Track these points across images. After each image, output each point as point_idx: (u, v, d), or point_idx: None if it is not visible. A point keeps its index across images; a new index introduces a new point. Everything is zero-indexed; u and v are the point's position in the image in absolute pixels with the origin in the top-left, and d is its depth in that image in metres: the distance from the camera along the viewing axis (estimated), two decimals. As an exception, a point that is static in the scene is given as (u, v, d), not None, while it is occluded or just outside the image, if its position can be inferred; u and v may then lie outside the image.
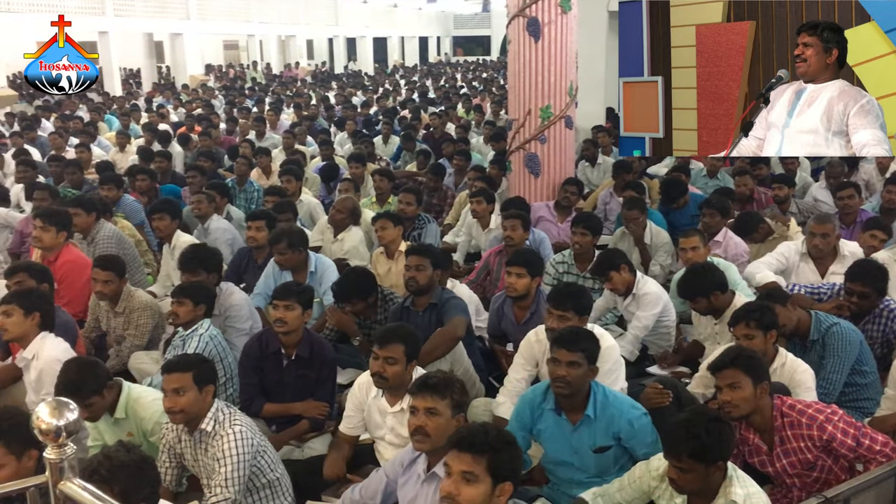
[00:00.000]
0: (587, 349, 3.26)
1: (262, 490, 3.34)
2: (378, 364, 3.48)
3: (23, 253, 6.50)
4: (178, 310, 4.20)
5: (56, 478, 1.69)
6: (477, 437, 2.51)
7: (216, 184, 7.37)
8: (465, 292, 5.08)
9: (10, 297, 4.06)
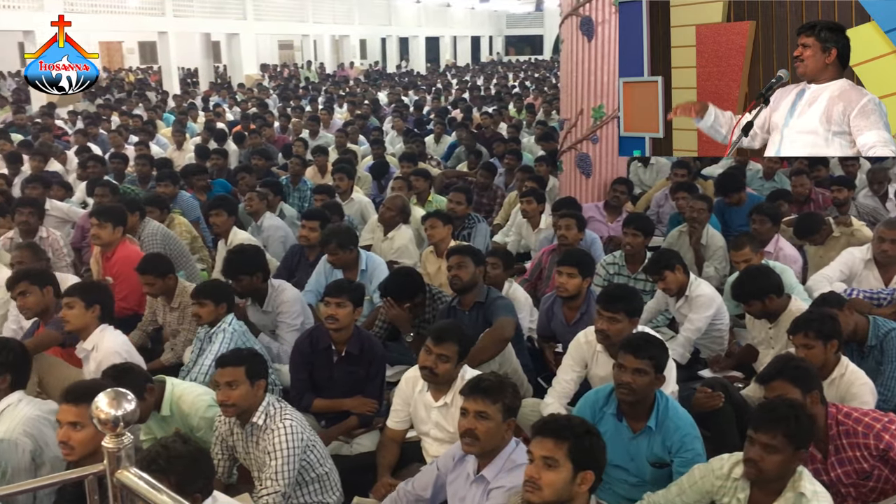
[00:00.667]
0: (655, 357, 3.18)
1: (312, 484, 3.38)
2: (431, 359, 3.50)
3: (84, 247, 6.68)
4: (200, 311, 4.25)
5: (113, 466, 1.73)
6: (559, 423, 2.61)
7: (270, 182, 7.48)
8: (520, 293, 5.06)
9: (72, 290, 4.18)
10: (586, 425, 2.67)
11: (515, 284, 5.20)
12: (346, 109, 16.25)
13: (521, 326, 4.81)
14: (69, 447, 2.93)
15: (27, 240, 5.83)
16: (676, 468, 3.15)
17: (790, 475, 2.71)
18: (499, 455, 2.97)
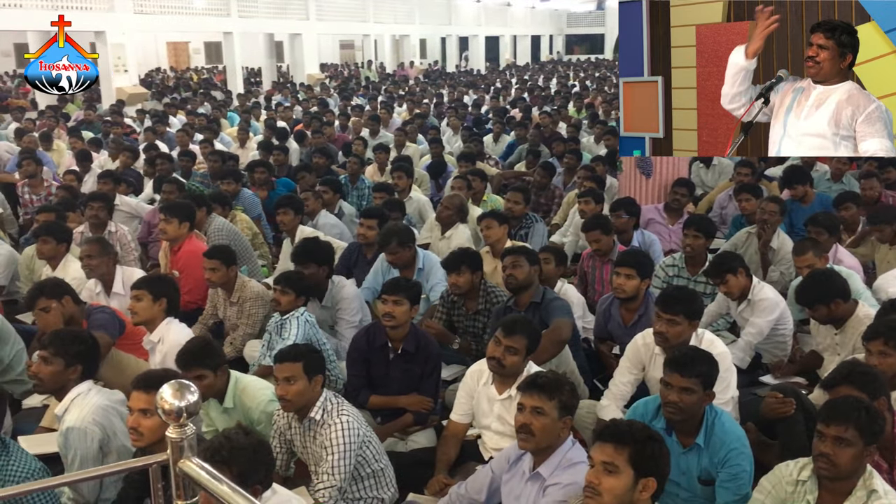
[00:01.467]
0: (703, 374, 3.09)
1: (367, 479, 3.42)
2: (499, 350, 3.51)
3: (150, 242, 6.86)
4: (280, 298, 4.36)
5: (176, 456, 1.77)
6: (620, 428, 2.58)
7: (329, 180, 7.58)
8: (572, 294, 5.04)
9: (140, 283, 4.31)
10: (648, 431, 2.63)
11: (567, 284, 5.17)
12: (405, 109, 16.34)
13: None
14: (138, 433, 3.03)
15: (96, 234, 6.03)
16: (720, 483, 3.07)
17: (861, 473, 2.65)
18: (555, 453, 2.96)
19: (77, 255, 5.42)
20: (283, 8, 24.24)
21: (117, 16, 17.83)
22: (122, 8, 17.92)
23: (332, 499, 3.24)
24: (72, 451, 3.30)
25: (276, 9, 23.99)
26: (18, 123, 13.58)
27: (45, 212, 6.30)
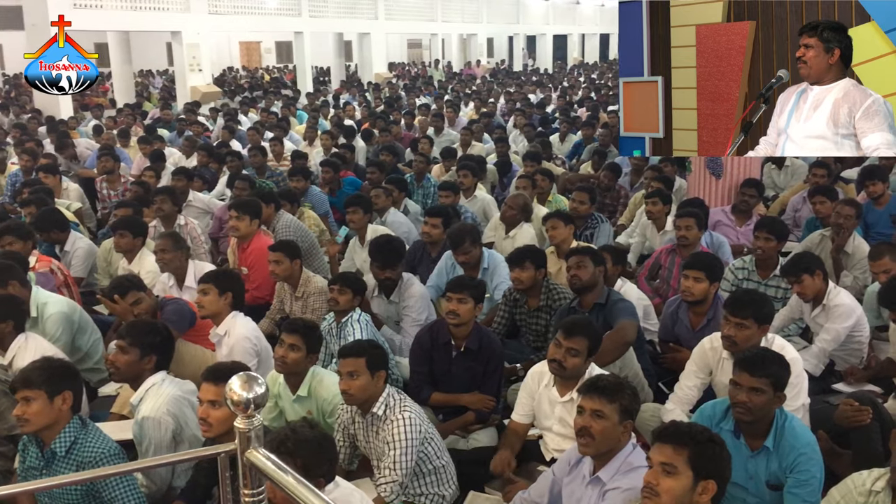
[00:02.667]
0: (773, 375, 3.03)
1: (429, 476, 3.44)
2: (560, 352, 3.50)
3: (221, 237, 7.03)
4: (338, 297, 4.40)
5: (244, 446, 1.81)
6: (680, 429, 2.57)
7: (395, 178, 7.64)
8: (633, 293, 4.98)
9: (207, 277, 4.42)
10: (708, 433, 2.60)
11: (629, 283, 5.11)
12: (471, 107, 16.36)
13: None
14: (207, 423, 3.11)
15: (168, 228, 6.21)
16: (788, 489, 3.00)
17: None
18: (615, 457, 2.93)
19: (151, 248, 5.59)
20: (353, 8, 24.53)
21: (193, 16, 18.31)
22: (198, 9, 18.39)
23: (394, 493, 3.28)
24: (146, 440, 3.42)
25: (346, 8, 24.28)
26: (97, 121, 14.07)
27: (122, 207, 6.52)
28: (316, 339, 3.80)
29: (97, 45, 30.13)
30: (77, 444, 3.09)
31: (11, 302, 4.21)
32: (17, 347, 4.06)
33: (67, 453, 3.08)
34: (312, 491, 1.67)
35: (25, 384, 3.07)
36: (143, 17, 17.30)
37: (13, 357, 4.03)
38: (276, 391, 3.85)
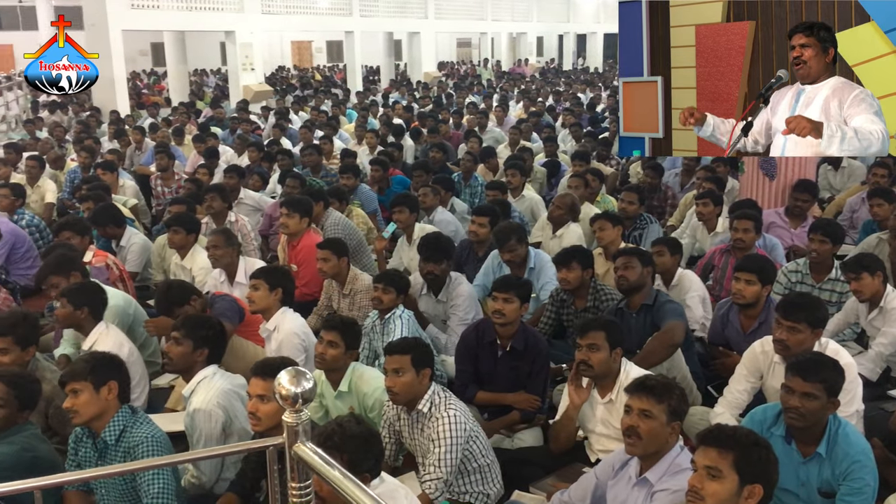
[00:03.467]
0: (827, 380, 2.96)
1: (473, 474, 3.45)
2: (582, 353, 3.51)
3: (271, 235, 7.14)
4: (382, 296, 4.43)
5: (292, 440, 1.84)
6: (725, 432, 2.53)
7: (442, 178, 7.67)
8: (695, 281, 5.00)
9: (258, 273, 4.49)
10: (755, 437, 2.56)
11: (688, 271, 5.06)
12: (520, 106, 16.31)
13: (695, 315, 4.80)
14: (256, 417, 3.17)
15: (218, 225, 6.32)
16: (841, 496, 2.93)
17: None
18: (663, 458, 2.90)
19: (204, 244, 5.70)
20: (403, 7, 24.63)
21: (246, 16, 18.57)
22: (251, 9, 18.66)
23: (439, 491, 3.29)
24: (197, 432, 3.49)
25: (396, 8, 24.40)
26: (153, 119, 14.38)
27: (176, 203, 6.66)
28: (354, 336, 3.83)
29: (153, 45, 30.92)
30: (126, 433, 3.17)
31: (88, 289, 4.34)
32: (98, 334, 4.19)
33: (117, 441, 3.16)
34: (358, 486, 1.70)
35: (72, 377, 3.16)
36: (198, 17, 17.62)
37: (92, 344, 4.15)
38: (319, 389, 3.90)
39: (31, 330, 3.78)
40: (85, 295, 4.28)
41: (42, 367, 3.83)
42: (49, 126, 13.20)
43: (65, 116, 15.62)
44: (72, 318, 4.24)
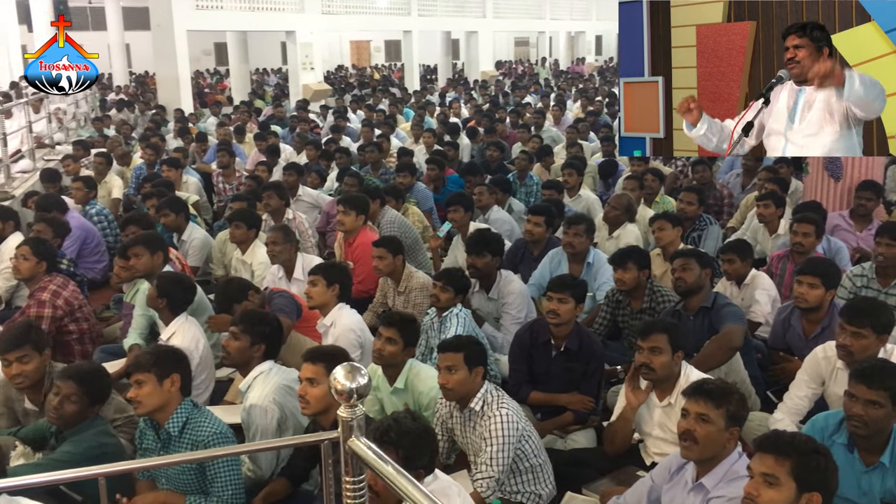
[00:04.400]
0: (892, 388, 2.87)
1: (525, 474, 3.44)
2: (644, 356, 3.46)
3: (328, 232, 7.22)
4: (440, 294, 4.45)
5: (346, 434, 1.86)
6: (783, 439, 2.49)
7: (498, 178, 7.66)
8: (767, 282, 4.94)
9: (316, 269, 4.56)
10: (813, 444, 2.50)
11: (761, 272, 4.99)
12: (578, 105, 16.19)
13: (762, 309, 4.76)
14: (305, 401, 3.25)
15: (277, 222, 6.43)
16: None
17: None
18: (720, 464, 2.85)
19: (263, 240, 5.80)
20: (461, 6, 24.66)
21: (307, 16, 18.82)
22: (311, 9, 18.89)
23: (490, 490, 3.29)
24: (253, 426, 3.56)
25: (455, 7, 24.44)
26: (216, 117, 14.68)
27: (237, 200, 6.79)
28: (413, 333, 3.86)
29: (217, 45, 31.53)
30: (190, 424, 3.25)
31: (173, 282, 4.46)
32: (177, 326, 4.31)
33: (181, 433, 3.24)
34: (411, 481, 1.71)
35: (137, 368, 3.25)
36: (260, 17, 17.92)
37: (171, 336, 4.27)
38: (375, 383, 3.93)
39: (41, 335, 3.81)
40: (170, 286, 4.40)
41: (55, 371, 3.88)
42: (116, 124, 13.59)
43: (131, 114, 16.05)
44: (154, 303, 4.40)
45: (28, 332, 3.67)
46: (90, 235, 6.59)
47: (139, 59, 28.93)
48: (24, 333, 3.64)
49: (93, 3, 29.47)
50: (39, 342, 3.69)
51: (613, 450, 3.68)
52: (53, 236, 5.72)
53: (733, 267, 4.92)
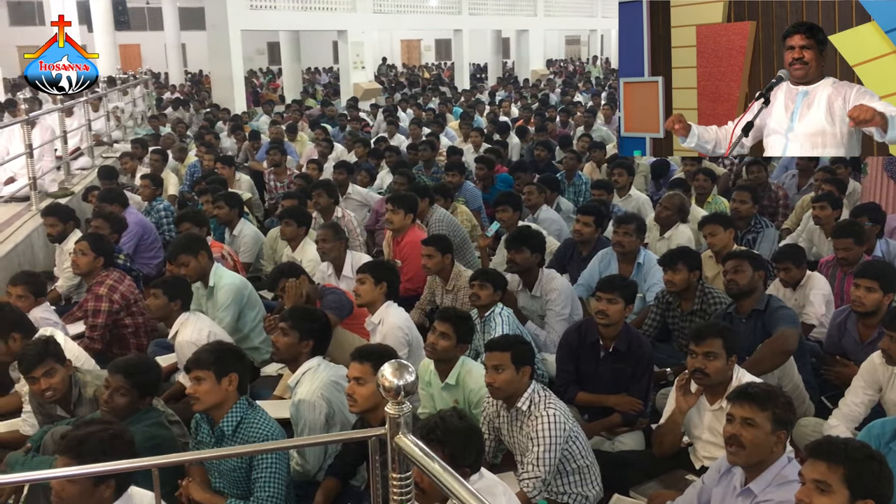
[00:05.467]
0: None
1: (572, 475, 3.42)
2: (698, 360, 3.41)
3: (377, 230, 7.27)
4: (479, 292, 4.45)
5: (393, 431, 1.88)
6: (835, 445, 2.44)
7: (546, 177, 7.62)
8: (821, 279, 4.87)
9: (364, 267, 4.59)
10: (867, 450, 2.45)
11: (817, 273, 4.91)
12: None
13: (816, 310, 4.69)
14: (353, 399, 3.28)
15: (327, 219, 6.50)
16: None
17: None
18: (768, 469, 2.80)
19: (313, 238, 5.87)
20: (512, 5, 24.61)
21: (358, 15, 18.99)
22: (363, 8, 19.06)
23: (537, 490, 3.28)
24: (301, 421, 3.60)
25: (506, 6, 24.40)
26: (268, 116, 14.89)
27: (288, 198, 6.88)
28: (467, 330, 3.88)
29: (270, 45, 31.99)
30: (244, 424, 3.29)
31: (182, 284, 4.56)
32: (180, 324, 4.39)
33: (234, 432, 3.29)
34: (458, 479, 1.72)
35: (197, 365, 3.30)
36: (312, 16, 18.13)
37: (176, 332, 4.38)
38: (426, 379, 3.96)
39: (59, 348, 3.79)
40: (179, 288, 4.47)
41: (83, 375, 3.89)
42: (172, 122, 13.87)
43: (186, 113, 16.37)
44: (165, 309, 4.41)
45: (47, 346, 3.68)
46: (147, 231, 6.75)
47: (194, 58, 29.53)
48: (43, 349, 3.66)
49: (150, 3, 30.15)
50: (60, 354, 3.71)
51: (662, 453, 3.64)
52: (111, 232, 5.87)
53: (789, 275, 4.84)
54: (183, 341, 4.30)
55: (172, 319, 4.43)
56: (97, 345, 4.82)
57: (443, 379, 3.87)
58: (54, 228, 5.95)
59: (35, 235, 6.69)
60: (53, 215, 6.00)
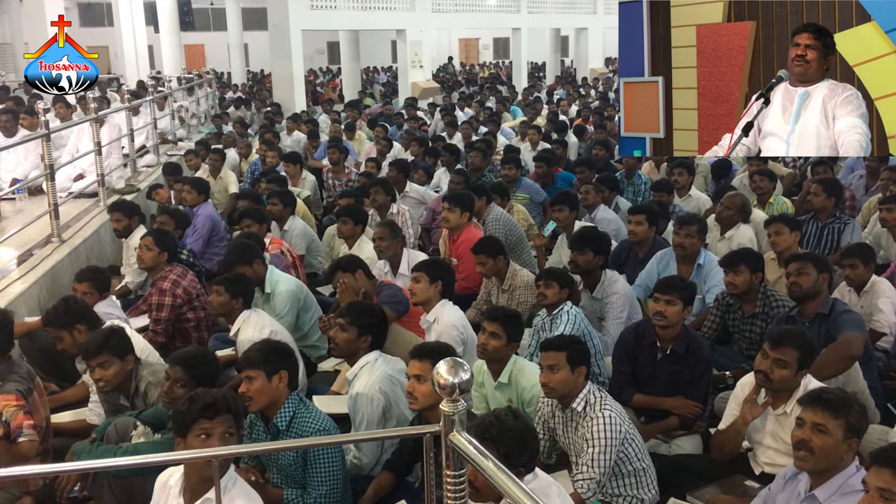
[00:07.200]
0: None
1: (628, 477, 3.39)
2: (767, 363, 3.34)
3: (433, 228, 7.30)
4: (546, 291, 4.43)
5: (448, 428, 1.89)
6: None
7: (605, 177, 7.55)
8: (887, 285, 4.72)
9: (419, 266, 4.62)
10: None
11: (883, 278, 4.77)
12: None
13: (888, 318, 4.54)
14: (413, 397, 3.30)
15: (383, 217, 6.56)
16: None
17: None
18: (836, 476, 2.74)
19: (370, 236, 5.93)
20: (571, 3, 24.42)
21: (417, 15, 19.07)
22: (422, 7, 19.14)
23: (591, 491, 3.26)
24: (359, 415, 3.65)
25: (565, 4, 24.23)
26: (327, 115, 15.07)
27: (346, 196, 6.96)
28: (516, 328, 3.86)
29: (329, 44, 32.33)
30: (296, 419, 3.35)
31: (245, 281, 4.64)
32: (242, 321, 4.46)
33: (288, 428, 3.35)
34: (512, 478, 1.71)
35: (248, 364, 3.37)
36: (371, 16, 18.28)
37: (238, 329, 4.45)
38: (480, 379, 3.96)
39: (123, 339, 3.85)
40: (241, 286, 4.54)
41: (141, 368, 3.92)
42: (234, 121, 14.16)
43: (248, 112, 16.67)
44: (227, 306, 4.48)
45: (107, 339, 3.74)
46: (217, 227, 6.91)
47: (256, 57, 30.04)
48: (103, 341, 3.73)
49: (214, 4, 30.79)
50: (119, 347, 3.75)
51: (721, 458, 3.58)
52: (175, 227, 6.02)
53: (856, 272, 4.68)
54: (245, 339, 4.34)
55: (234, 316, 4.51)
56: (160, 338, 4.95)
57: (495, 378, 3.87)
58: (120, 223, 6.12)
59: (103, 230, 6.90)
60: (119, 211, 6.17)
